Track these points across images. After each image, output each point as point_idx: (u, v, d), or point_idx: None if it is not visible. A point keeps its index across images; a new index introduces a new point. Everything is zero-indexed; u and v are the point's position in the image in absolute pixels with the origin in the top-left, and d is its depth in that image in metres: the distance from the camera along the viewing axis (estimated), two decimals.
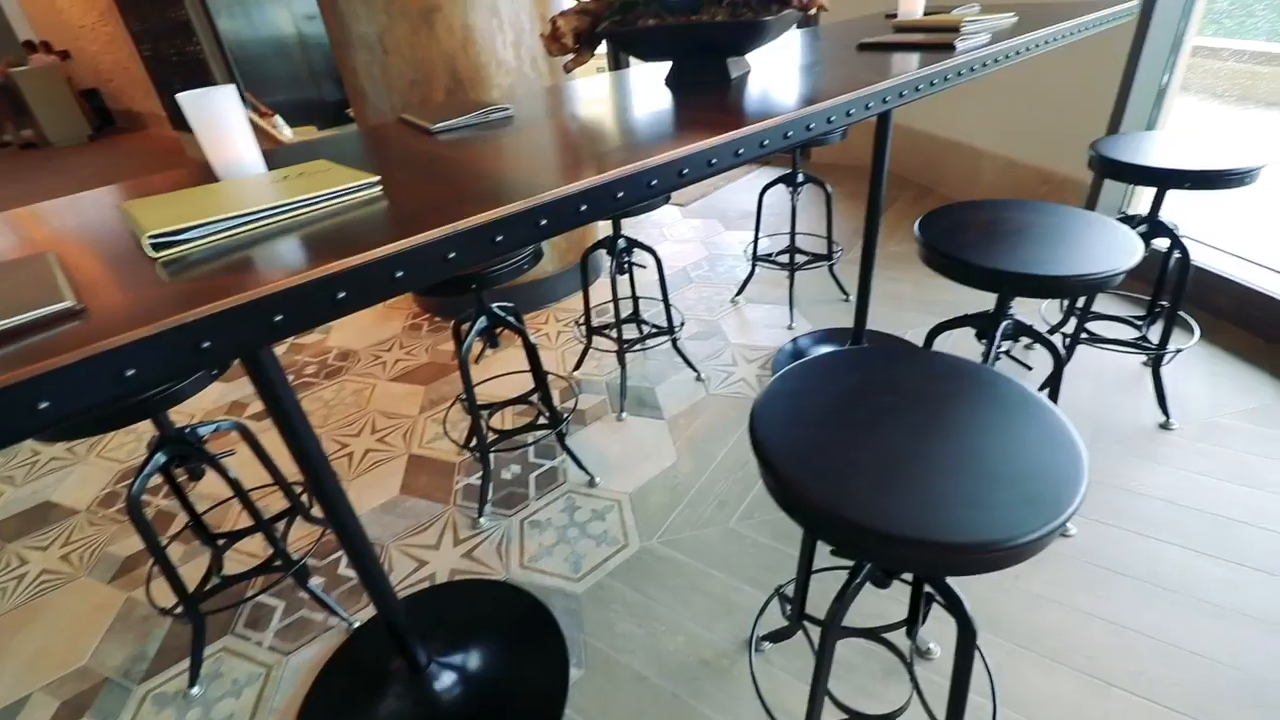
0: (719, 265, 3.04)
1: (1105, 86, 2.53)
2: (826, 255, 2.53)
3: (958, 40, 1.26)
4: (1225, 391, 1.93)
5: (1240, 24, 5.16)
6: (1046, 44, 1.36)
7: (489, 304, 1.59)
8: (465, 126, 1.06)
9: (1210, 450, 1.73)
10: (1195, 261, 2.30)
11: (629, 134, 0.93)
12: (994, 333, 1.32)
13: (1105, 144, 1.69)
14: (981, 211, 1.36)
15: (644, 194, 0.76)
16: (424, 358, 2.54)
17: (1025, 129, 2.96)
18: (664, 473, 1.84)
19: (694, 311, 2.65)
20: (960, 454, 0.73)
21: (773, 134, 0.88)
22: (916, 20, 1.55)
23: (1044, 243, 1.22)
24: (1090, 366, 2.06)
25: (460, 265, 0.65)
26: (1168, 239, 1.68)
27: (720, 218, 3.59)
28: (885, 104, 1.03)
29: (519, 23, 2.34)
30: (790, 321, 2.48)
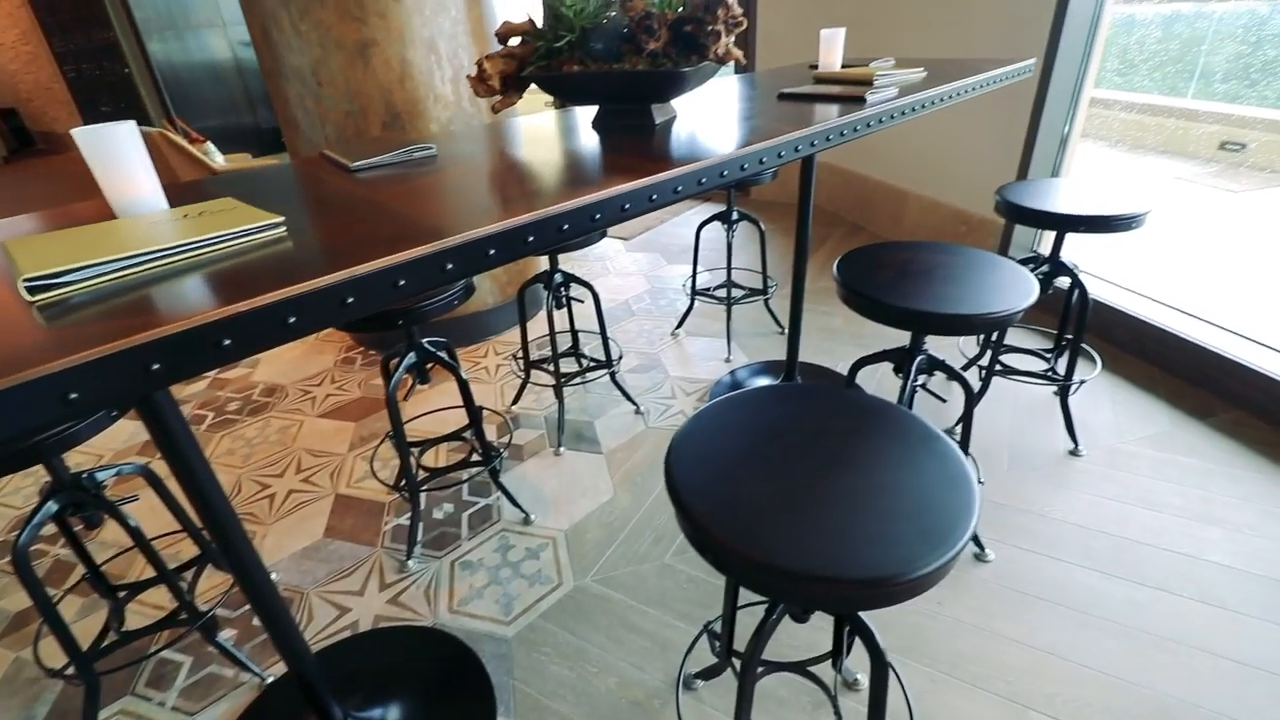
0: (660, 299, 3.08)
1: (1014, 134, 2.72)
2: (762, 290, 2.61)
3: (868, 93, 1.34)
4: (1127, 419, 2.06)
5: (1128, 80, 5.66)
6: (950, 99, 1.46)
7: (419, 339, 1.57)
8: (386, 165, 1.05)
9: (1115, 475, 1.84)
10: (1097, 297, 2.48)
11: (547, 177, 0.95)
12: (910, 368, 1.38)
13: (1010, 190, 1.82)
14: (895, 253, 1.43)
15: (555, 238, 0.78)
16: (356, 392, 2.47)
17: (946, 173, 3.15)
18: (601, 508, 1.83)
19: (634, 344, 2.67)
20: (864, 491, 0.76)
21: (686, 180, 0.91)
22: (835, 73, 1.64)
23: (951, 283, 1.29)
24: (1006, 397, 2.17)
25: (361, 310, 0.64)
26: (1068, 278, 1.80)
27: (663, 251, 3.66)
28: (797, 152, 1.08)
29: (457, 59, 2.36)
30: (728, 354, 2.53)
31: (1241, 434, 1.96)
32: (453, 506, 1.86)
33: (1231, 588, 1.50)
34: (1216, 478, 1.81)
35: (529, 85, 1.20)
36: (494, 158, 1.13)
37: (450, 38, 2.33)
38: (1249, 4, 5.30)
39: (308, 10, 2.17)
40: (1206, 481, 1.80)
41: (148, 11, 6.21)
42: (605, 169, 0.97)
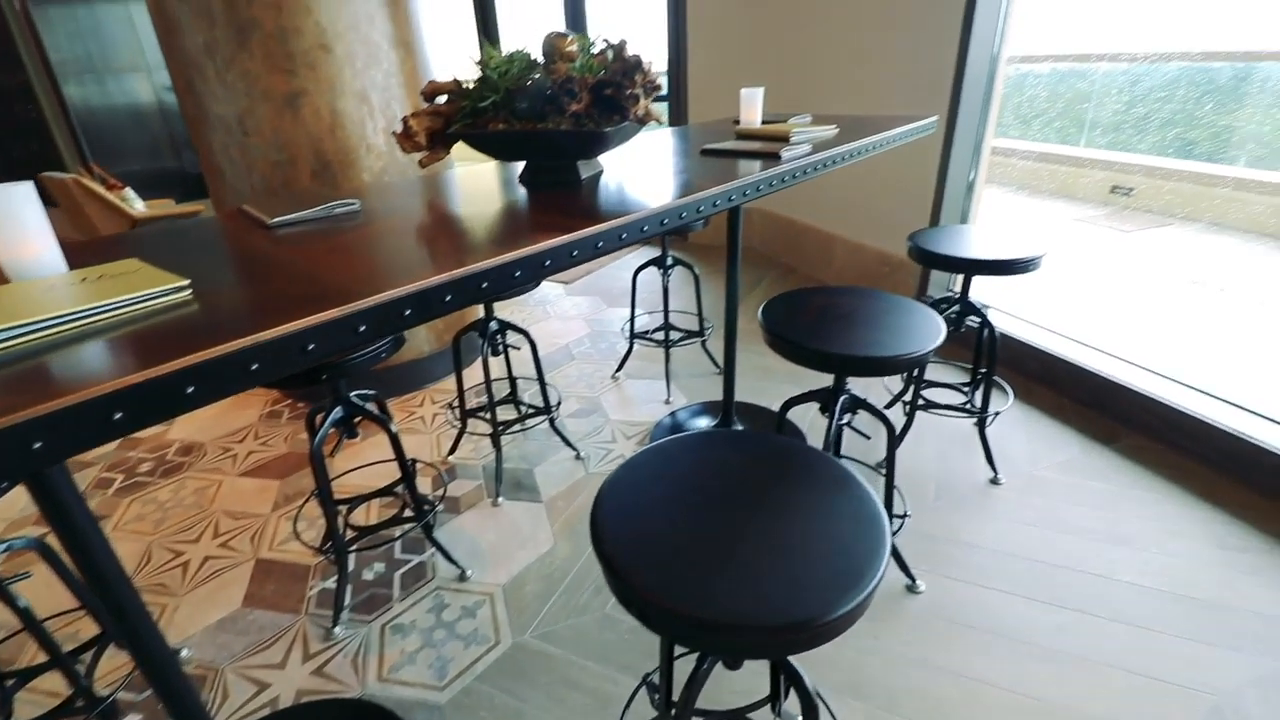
0: (601, 342, 3.10)
1: (926, 182, 2.91)
2: (699, 332, 2.66)
3: (784, 150, 1.42)
4: (1041, 446, 2.19)
5: (1026, 131, 6.18)
6: (859, 155, 1.56)
7: (346, 392, 1.52)
8: (307, 221, 1.04)
9: (1032, 501, 1.94)
10: (1009, 332, 2.65)
11: (471, 233, 0.96)
12: (834, 408, 1.43)
13: (920, 236, 1.94)
14: (815, 298, 1.50)
15: (476, 296, 0.78)
16: (282, 448, 2.36)
17: (868, 217, 3.33)
18: (540, 559, 1.79)
19: (575, 389, 2.67)
20: (783, 536, 0.78)
21: (608, 235, 0.94)
22: (755, 129, 1.73)
23: (867, 327, 1.36)
24: (931, 430, 2.27)
25: (267, 375, 0.63)
26: (978, 317, 1.92)
27: (603, 295, 3.70)
28: (715, 207, 1.13)
29: (390, 110, 2.37)
30: (668, 396, 2.56)
31: (1143, 457, 2.10)
32: (384, 566, 1.79)
33: (1142, 606, 1.58)
34: (1123, 500, 1.93)
35: (456, 141, 1.22)
36: (420, 213, 1.13)
37: (383, 89, 2.34)
38: (1124, 64, 5.92)
39: (234, 61, 2.15)
40: (1114, 504, 1.92)
41: (64, 54, 5.99)
42: (529, 225, 0.99)
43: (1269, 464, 1.89)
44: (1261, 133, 5.05)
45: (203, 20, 2.11)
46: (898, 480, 2.02)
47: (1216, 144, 5.33)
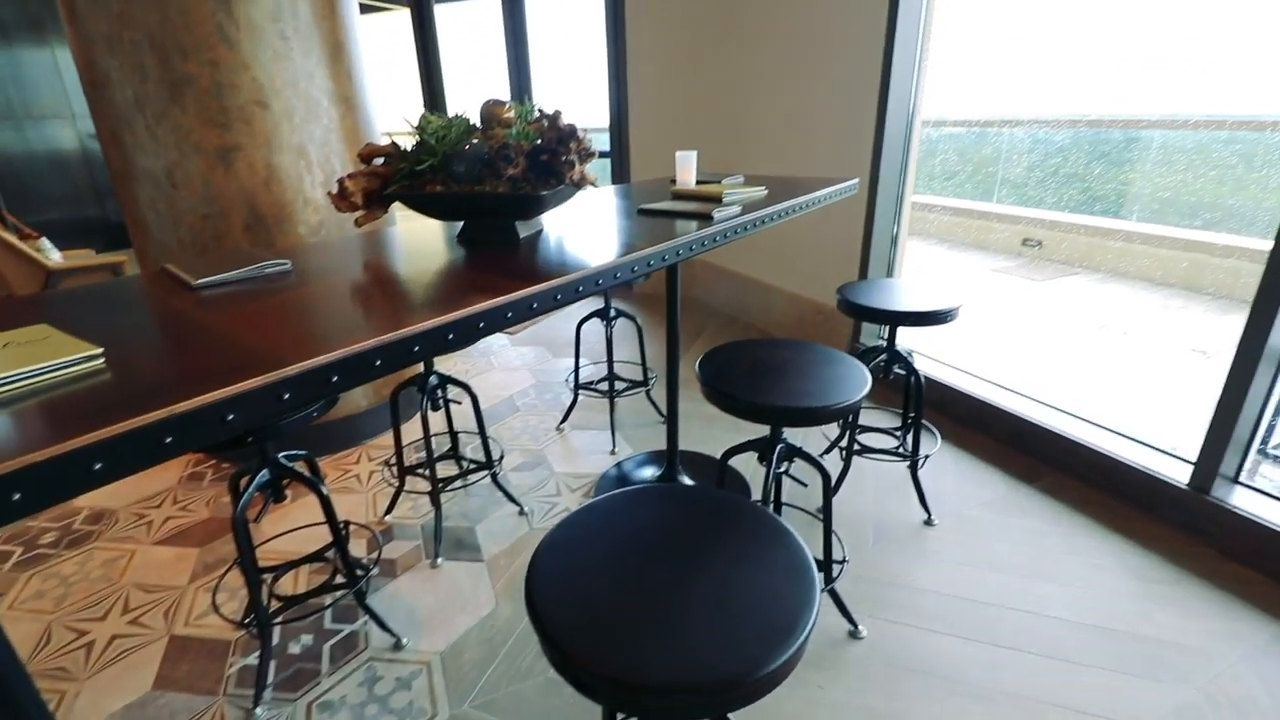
0: (546, 393, 3.09)
1: (854, 236, 3.08)
2: (643, 381, 2.69)
3: (715, 211, 1.49)
4: (970, 486, 2.28)
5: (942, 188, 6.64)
6: (787, 215, 1.65)
7: (274, 454, 1.47)
8: (234, 282, 1.02)
9: (964, 541, 2.01)
10: (936, 377, 2.79)
11: (405, 295, 0.96)
12: (771, 457, 1.47)
13: (848, 290, 2.05)
14: (749, 351, 1.55)
15: (407, 360, 0.78)
16: (203, 512, 2.22)
17: (803, 269, 3.48)
18: (481, 622, 1.73)
19: (519, 441, 2.64)
20: (716, 592, 0.79)
21: (542, 297, 0.96)
22: (690, 189, 1.81)
23: (799, 378, 1.42)
24: (868, 474, 2.34)
25: (184, 448, 0.61)
26: (904, 365, 2.02)
27: (548, 345, 3.70)
28: (650, 266, 1.17)
29: (329, 165, 2.37)
30: (613, 447, 2.56)
31: (1063, 495, 2.22)
32: (312, 638, 1.69)
33: (1070, 640, 1.65)
34: (1048, 536, 2.03)
35: (393, 201, 1.23)
36: (355, 272, 1.13)
37: (322, 144, 2.34)
38: (1026, 129, 6.50)
39: (165, 115, 2.11)
40: (1040, 540, 2.01)
41: None
42: (465, 286, 1.00)
43: (1174, 498, 2.03)
44: (1145, 191, 5.59)
45: (134, 75, 2.08)
46: (838, 525, 2.07)
47: (1110, 201, 5.86)
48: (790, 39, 3.27)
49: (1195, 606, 1.74)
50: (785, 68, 3.33)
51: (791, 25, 3.24)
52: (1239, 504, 1.93)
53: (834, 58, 3.02)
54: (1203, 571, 1.86)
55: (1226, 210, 5.00)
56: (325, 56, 2.32)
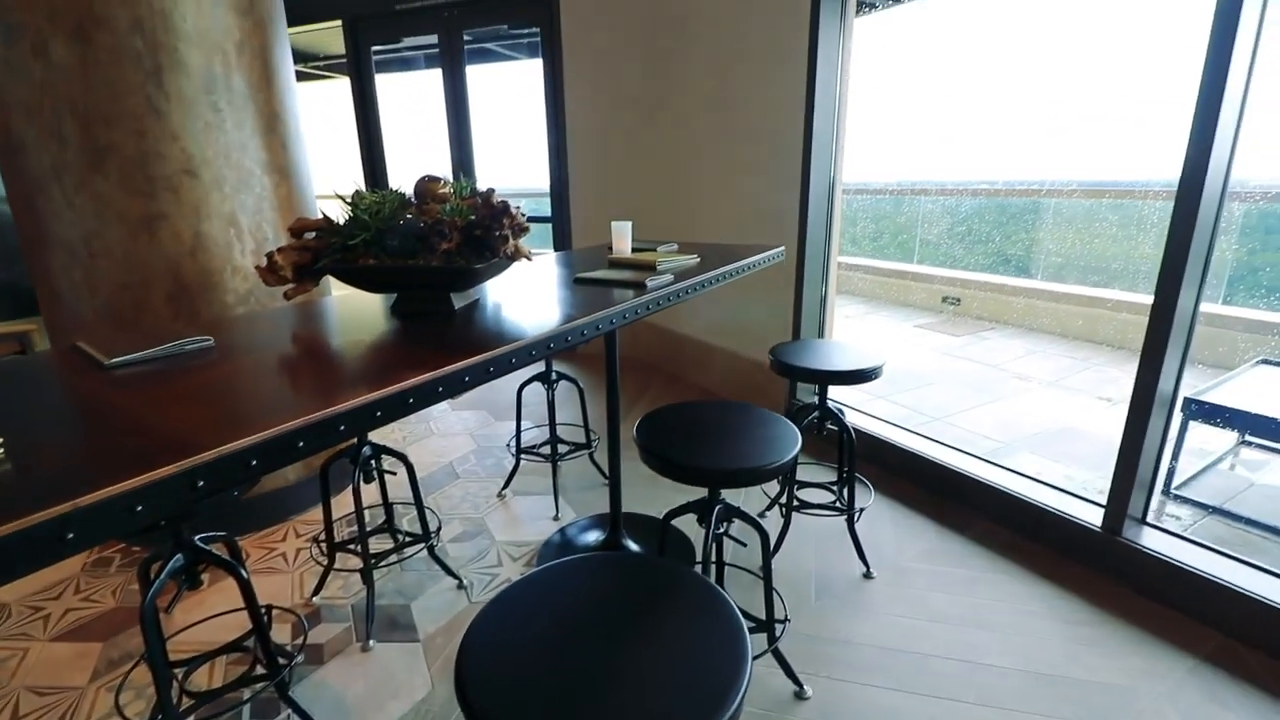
0: (487, 458, 3.03)
1: (786, 298, 3.22)
2: (585, 444, 2.69)
3: (649, 279, 1.55)
4: (905, 537, 2.35)
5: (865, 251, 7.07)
6: (718, 282, 1.73)
7: (189, 537, 1.38)
8: (151, 360, 0.99)
9: (902, 593, 2.06)
10: (870, 430, 2.90)
11: (333, 372, 0.95)
12: (710, 518, 1.49)
13: (780, 350, 2.13)
14: (685, 414, 1.59)
15: (334, 440, 0.77)
16: (109, 602, 2.04)
17: (740, 329, 3.60)
18: (416, 708, 1.63)
19: (459, 510, 2.56)
20: (648, 667, 0.79)
21: (475, 370, 0.97)
22: (625, 258, 1.88)
23: (733, 439, 1.46)
24: (809, 530, 2.38)
25: (87, 543, 0.58)
26: (836, 422, 2.10)
27: (491, 409, 3.66)
28: (583, 336, 1.21)
29: (260, 232, 2.33)
30: (556, 512, 2.52)
31: (991, 542, 2.31)
32: None
33: (1004, 687, 1.69)
34: (979, 584, 2.10)
35: (324, 275, 1.23)
36: (281, 347, 1.11)
37: (254, 213, 2.32)
38: (938, 196, 7.05)
39: (85, 182, 2.05)
40: (972, 589, 2.07)
41: None
42: (396, 361, 1.00)
43: (1090, 541, 2.15)
44: (1045, 253, 6.11)
45: (52, 142, 2.03)
46: (781, 583, 2.09)
47: (1018, 262, 6.37)
48: (719, 113, 3.49)
49: (1117, 646, 1.82)
50: (716, 139, 3.54)
51: (719, 100, 3.46)
52: (1148, 544, 2.06)
53: (760, 130, 3.24)
54: (1122, 611, 1.96)
55: (1113, 270, 5.51)
56: (260, 127, 2.33)
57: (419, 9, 4.68)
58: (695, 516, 1.55)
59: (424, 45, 5.66)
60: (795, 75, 2.93)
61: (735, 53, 3.29)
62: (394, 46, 5.73)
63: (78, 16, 1.93)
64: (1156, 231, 5.35)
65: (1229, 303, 4.97)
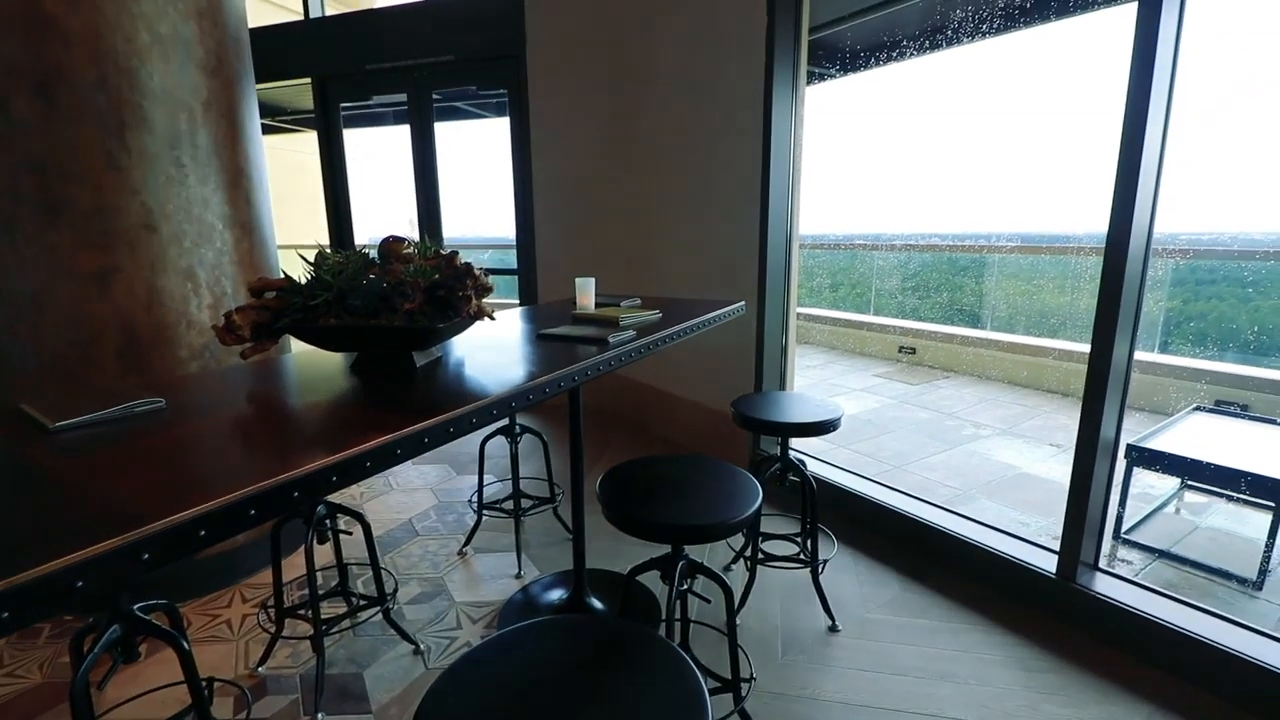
0: (448, 514, 2.96)
1: (748, 349, 3.30)
2: (549, 498, 2.66)
3: (612, 335, 1.58)
4: (869, 587, 2.36)
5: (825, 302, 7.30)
6: (679, 337, 1.78)
7: (127, 606, 1.31)
8: (98, 423, 0.97)
9: (867, 645, 2.05)
10: (833, 480, 2.94)
11: (290, 434, 0.94)
12: (673, 574, 1.48)
13: (741, 403, 2.17)
14: (647, 469, 1.60)
15: (285, 506, 0.76)
16: (35, 678, 1.90)
17: (704, 380, 3.65)
18: None
19: (418, 569, 2.49)
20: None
21: (435, 431, 0.97)
22: (589, 313, 1.92)
23: (695, 494, 1.47)
24: (775, 583, 2.38)
25: (24, 622, 0.56)
26: (797, 474, 2.13)
27: (453, 463, 3.59)
28: (546, 394, 1.22)
29: (219, 286, 2.31)
30: (519, 569, 2.46)
31: (952, 591, 2.34)
32: None
33: None
34: (942, 634, 2.11)
35: (284, 334, 1.22)
36: (235, 409, 1.10)
37: (214, 267, 2.29)
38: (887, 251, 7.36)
39: (38, 236, 2.01)
40: (935, 639, 2.09)
41: None
42: (355, 422, 1.00)
43: (1045, 587, 2.19)
44: (992, 304, 6.40)
45: (4, 197, 1.99)
46: (748, 638, 2.07)
47: (969, 313, 6.64)
48: (681, 172, 3.63)
49: (1076, 694, 1.84)
50: (679, 196, 3.67)
51: (681, 158, 3.60)
52: (1100, 589, 2.11)
53: (720, 189, 3.37)
54: (1079, 658, 1.99)
55: (1055, 322, 5.79)
56: (223, 182, 2.33)
57: (389, 69, 4.80)
58: (659, 574, 1.54)
59: (394, 102, 5.78)
60: (752, 138, 3.08)
61: (697, 115, 3.45)
62: (363, 103, 5.84)
63: (40, 73, 1.93)
64: (1093, 285, 5.69)
65: (1165, 351, 5.25)
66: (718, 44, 3.25)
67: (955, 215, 8.76)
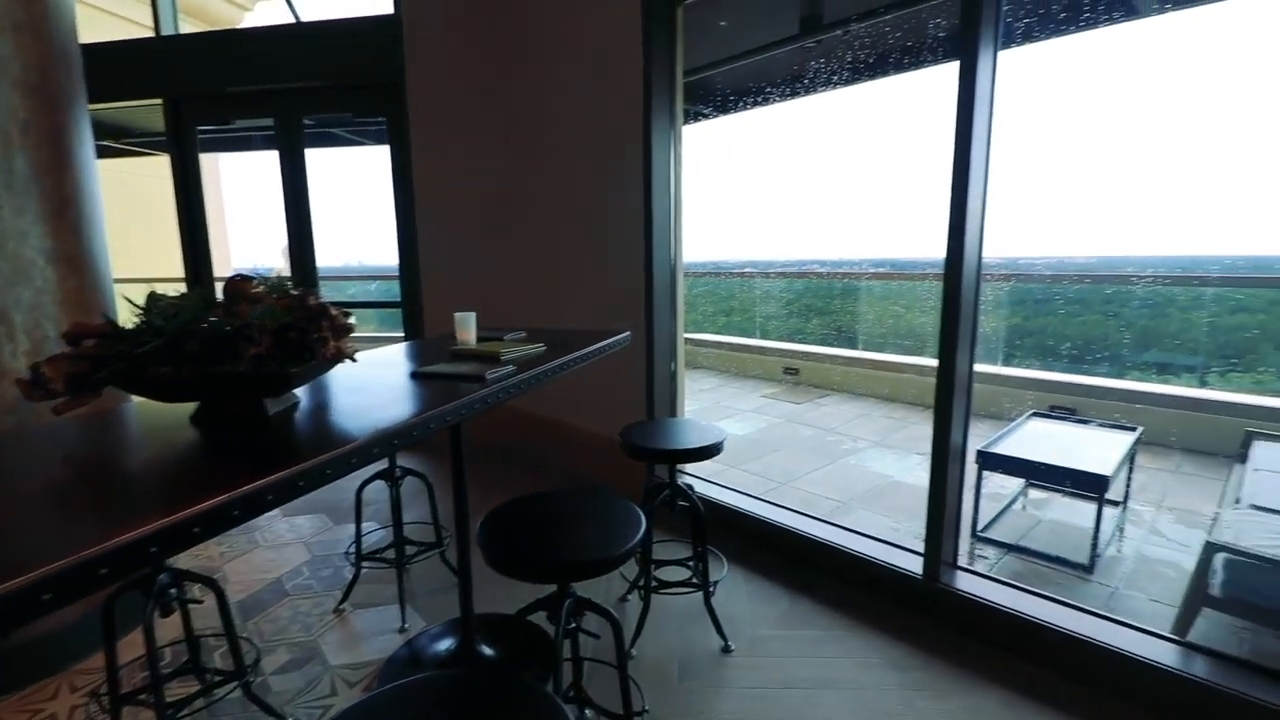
0: (324, 568, 2.74)
1: (638, 376, 3.34)
2: (436, 543, 2.53)
3: (489, 372, 1.54)
4: (760, 604, 2.43)
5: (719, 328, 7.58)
6: (562, 370, 1.77)
7: None
8: None
9: (759, 662, 2.10)
10: (723, 500, 3.02)
11: (107, 499, 0.84)
12: (560, 614, 1.45)
13: (628, 431, 2.19)
14: (531, 506, 1.57)
15: (90, 587, 0.67)
16: None
17: (599, 408, 3.65)
18: None
19: (287, 634, 2.27)
20: None
21: (281, 487, 0.90)
22: (469, 349, 1.87)
23: (579, 529, 1.45)
24: (671, 610, 2.39)
25: None
26: (685, 499, 2.17)
27: (329, 511, 3.34)
28: (414, 437, 1.17)
29: (39, 330, 2.04)
30: (403, 622, 2.31)
31: (835, 600, 2.45)
32: None
33: None
34: (826, 643, 2.21)
35: (105, 386, 1.09)
36: (48, 472, 0.96)
37: (32, 308, 2.02)
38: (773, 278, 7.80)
39: None
40: (820, 649, 2.17)
41: None
42: (187, 483, 0.90)
43: (915, 588, 2.36)
44: (863, 326, 6.93)
45: None
46: (645, 668, 2.06)
47: (845, 335, 7.13)
48: (568, 205, 3.66)
49: (945, 687, 1.98)
50: (567, 227, 3.69)
51: (568, 190, 3.64)
52: (961, 586, 2.30)
53: (606, 220, 3.42)
54: (945, 652, 2.14)
55: (913, 342, 6.36)
56: (46, 213, 2.08)
57: (255, 92, 4.51)
58: (547, 614, 1.50)
59: (261, 126, 5.43)
60: (634, 172, 3.17)
61: (582, 148, 3.50)
62: (225, 127, 5.44)
63: None
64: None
65: (1009, 364, 5.89)
66: (601, 81, 3.34)
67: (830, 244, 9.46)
